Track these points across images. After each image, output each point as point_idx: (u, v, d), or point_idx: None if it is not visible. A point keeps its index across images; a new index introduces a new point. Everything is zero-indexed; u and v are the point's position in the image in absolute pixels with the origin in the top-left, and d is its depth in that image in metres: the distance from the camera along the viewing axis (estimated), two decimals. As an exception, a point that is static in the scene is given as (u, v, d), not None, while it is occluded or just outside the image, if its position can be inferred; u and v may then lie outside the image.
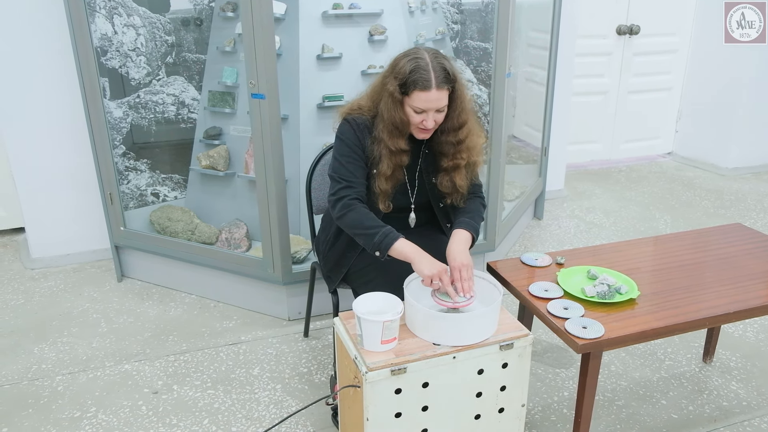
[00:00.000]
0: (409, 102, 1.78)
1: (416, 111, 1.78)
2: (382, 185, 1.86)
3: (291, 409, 2.21)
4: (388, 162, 1.84)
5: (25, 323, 2.75)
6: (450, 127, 1.86)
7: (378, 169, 1.86)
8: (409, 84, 1.75)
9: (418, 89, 1.74)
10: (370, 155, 1.87)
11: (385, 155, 1.84)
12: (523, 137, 4.20)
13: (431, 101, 1.75)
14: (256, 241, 2.97)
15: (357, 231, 1.82)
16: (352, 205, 1.82)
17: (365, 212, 1.83)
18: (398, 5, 2.97)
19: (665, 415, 2.17)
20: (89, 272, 3.21)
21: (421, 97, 1.75)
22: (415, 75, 1.74)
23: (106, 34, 2.99)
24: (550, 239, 3.63)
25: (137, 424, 2.13)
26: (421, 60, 1.75)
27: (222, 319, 2.77)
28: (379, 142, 1.85)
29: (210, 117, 3.11)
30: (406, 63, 1.76)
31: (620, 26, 4.59)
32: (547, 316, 1.74)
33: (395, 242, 1.75)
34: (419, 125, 1.81)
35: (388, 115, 1.81)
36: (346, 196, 1.84)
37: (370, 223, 1.79)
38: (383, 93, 1.83)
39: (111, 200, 2.95)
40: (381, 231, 1.76)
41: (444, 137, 1.88)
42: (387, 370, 1.48)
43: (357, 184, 1.86)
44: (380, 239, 1.75)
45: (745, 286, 1.89)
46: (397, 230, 1.80)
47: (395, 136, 1.83)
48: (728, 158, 4.73)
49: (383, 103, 1.82)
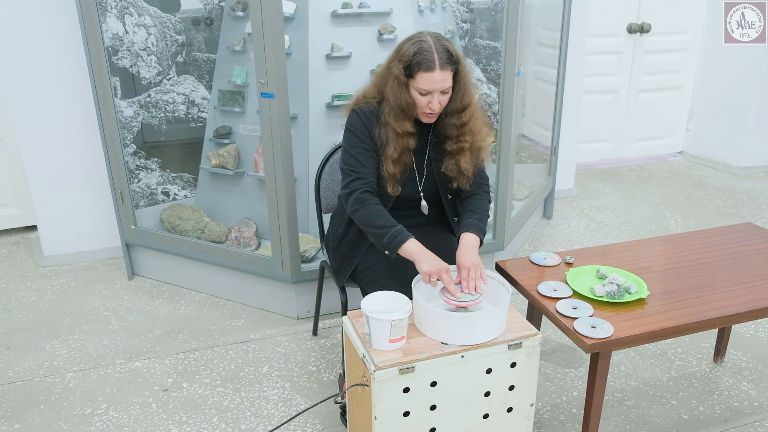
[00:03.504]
0: (414, 84, 1.80)
1: (421, 93, 1.81)
2: (389, 168, 1.89)
3: (300, 407, 2.22)
4: (395, 145, 1.87)
5: (37, 320, 2.77)
6: (453, 109, 1.88)
7: (385, 152, 1.88)
8: (413, 66, 1.78)
9: (422, 70, 1.77)
10: (377, 141, 1.90)
11: (391, 138, 1.87)
12: (533, 136, 4.18)
13: (435, 82, 1.78)
14: (265, 239, 2.98)
15: (368, 229, 1.85)
16: (364, 200, 1.85)
17: (377, 209, 1.85)
18: (408, 4, 2.97)
19: (675, 416, 2.16)
20: (100, 270, 3.23)
21: (425, 78, 1.77)
22: (419, 57, 1.77)
23: (118, 34, 3.01)
24: (559, 239, 3.62)
25: (147, 421, 2.15)
26: (425, 42, 1.78)
27: (231, 318, 2.78)
28: (386, 126, 1.87)
29: (220, 116, 3.12)
30: (410, 46, 1.79)
31: (631, 24, 4.56)
32: (555, 315, 1.73)
33: (404, 243, 1.77)
34: (425, 108, 1.83)
35: (394, 98, 1.83)
36: (357, 189, 1.86)
37: (380, 222, 1.82)
38: (388, 77, 1.86)
39: (122, 199, 2.97)
40: (390, 232, 1.79)
41: (448, 120, 1.90)
42: (395, 368, 1.49)
43: (367, 174, 1.89)
44: (389, 240, 1.79)
45: (756, 286, 1.87)
46: (410, 218, 1.83)
47: (401, 119, 1.85)
48: (740, 157, 4.69)
49: (389, 87, 1.85)
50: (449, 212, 2.06)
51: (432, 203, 2.03)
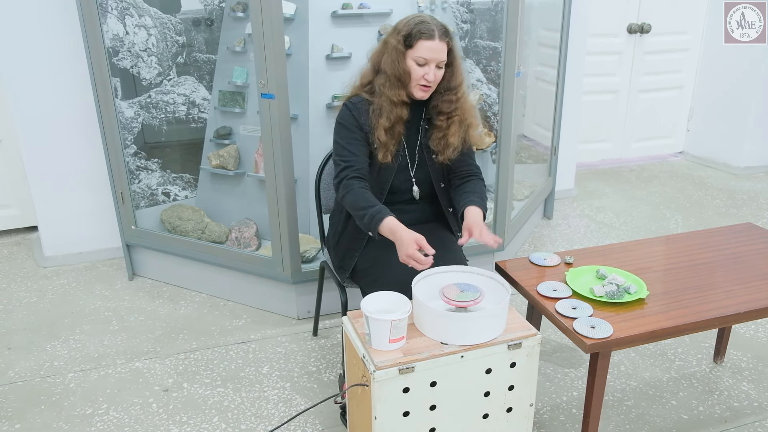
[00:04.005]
0: (412, 54, 1.87)
1: (419, 63, 1.88)
2: (381, 137, 1.93)
3: (300, 407, 2.22)
4: (388, 115, 1.92)
5: (37, 321, 2.78)
6: (450, 86, 1.96)
7: (378, 122, 1.93)
8: (414, 35, 1.86)
9: (423, 38, 1.85)
10: (367, 128, 1.94)
11: (385, 108, 1.92)
12: (533, 136, 4.19)
13: (435, 50, 1.86)
14: (265, 240, 2.99)
15: (354, 212, 1.89)
16: (350, 186, 1.89)
17: (362, 193, 1.88)
18: (408, 5, 2.97)
19: (675, 416, 2.16)
20: (101, 270, 3.24)
21: (425, 45, 1.85)
22: (420, 26, 1.87)
23: (118, 35, 3.01)
24: (559, 239, 3.62)
25: (148, 422, 2.15)
26: (423, 17, 1.93)
27: (232, 318, 2.79)
28: (381, 95, 1.92)
29: (220, 117, 3.13)
30: (410, 20, 1.90)
31: (631, 25, 4.56)
32: (555, 315, 1.73)
33: (382, 221, 1.80)
34: (420, 80, 1.89)
35: (392, 67, 1.90)
36: (345, 177, 1.91)
37: (362, 204, 1.85)
38: (385, 50, 1.93)
39: (122, 199, 2.97)
40: (369, 212, 1.82)
41: (445, 96, 1.96)
42: (395, 368, 1.49)
43: (357, 161, 1.93)
44: (369, 219, 1.82)
45: (756, 286, 1.88)
46: (405, 213, 1.88)
47: (396, 87, 1.91)
48: (740, 157, 4.69)
49: (386, 58, 1.92)
50: (443, 202, 2.09)
51: (425, 193, 2.06)
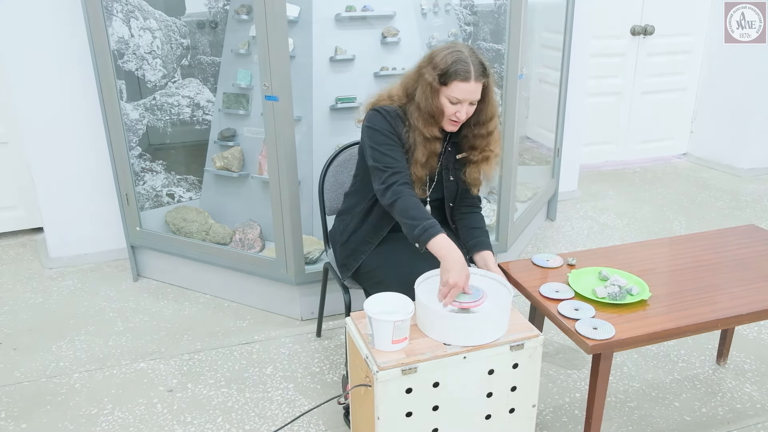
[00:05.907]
0: (446, 92, 1.84)
1: (452, 102, 1.85)
2: (417, 172, 1.93)
3: (303, 408, 2.23)
4: (423, 149, 1.91)
5: (43, 322, 2.80)
6: (483, 120, 1.95)
7: (414, 156, 1.92)
8: (450, 74, 1.82)
9: (458, 80, 1.82)
10: (405, 142, 1.93)
11: (419, 142, 1.91)
12: (537, 138, 4.19)
13: (469, 92, 1.83)
14: (269, 241, 3.00)
15: (403, 219, 1.84)
16: (401, 192, 1.85)
17: (414, 201, 1.85)
18: (411, 7, 2.98)
19: (678, 417, 2.16)
20: (106, 272, 3.25)
21: (460, 87, 1.82)
22: (456, 66, 1.81)
23: (123, 38, 3.03)
24: (562, 240, 3.62)
25: (152, 422, 2.16)
26: (462, 53, 1.84)
27: (236, 319, 2.80)
28: (414, 130, 1.91)
29: (224, 119, 3.14)
30: (447, 55, 1.84)
31: (634, 27, 4.56)
32: (557, 316, 1.74)
33: (434, 237, 1.76)
34: (452, 116, 1.87)
35: (425, 103, 1.87)
36: (395, 182, 1.87)
37: (414, 214, 1.81)
38: (419, 82, 1.89)
39: (127, 201, 2.99)
40: (422, 224, 1.78)
41: (477, 130, 1.96)
42: (398, 369, 1.50)
43: (402, 168, 1.90)
44: (420, 232, 1.77)
45: (759, 288, 1.88)
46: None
47: (430, 125, 1.90)
48: (744, 159, 4.68)
49: (420, 92, 1.88)
50: (450, 218, 2.12)
51: (434, 209, 2.07)
